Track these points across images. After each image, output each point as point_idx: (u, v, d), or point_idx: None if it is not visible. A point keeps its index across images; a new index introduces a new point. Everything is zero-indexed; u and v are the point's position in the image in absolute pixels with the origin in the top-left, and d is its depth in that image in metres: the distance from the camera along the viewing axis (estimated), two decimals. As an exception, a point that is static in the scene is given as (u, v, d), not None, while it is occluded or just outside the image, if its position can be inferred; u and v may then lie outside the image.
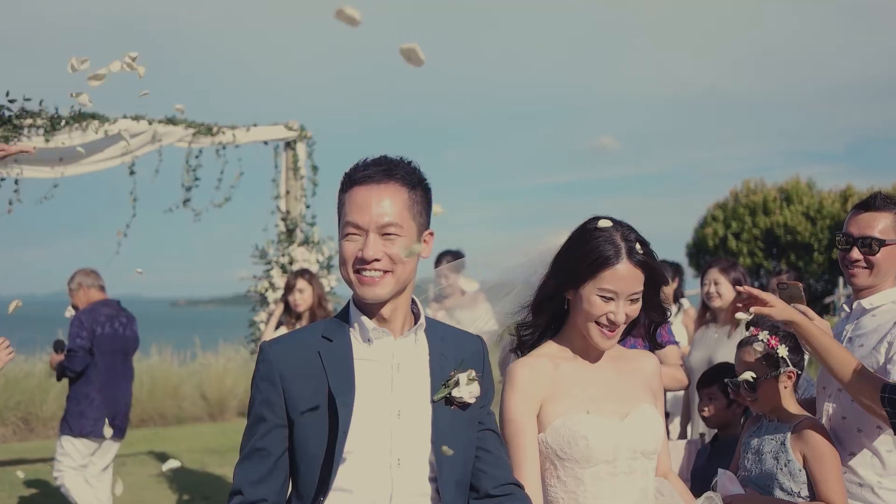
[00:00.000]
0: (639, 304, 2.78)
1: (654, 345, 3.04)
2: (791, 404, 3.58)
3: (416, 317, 2.50)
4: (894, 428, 3.09)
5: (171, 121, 8.44)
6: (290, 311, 6.94)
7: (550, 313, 2.89)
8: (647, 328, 2.97)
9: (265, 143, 9.57)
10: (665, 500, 2.82)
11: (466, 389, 2.41)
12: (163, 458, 10.77)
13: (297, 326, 6.89)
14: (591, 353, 2.86)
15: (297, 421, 2.35)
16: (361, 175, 2.39)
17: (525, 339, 2.93)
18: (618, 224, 2.79)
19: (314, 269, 9.18)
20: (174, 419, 13.51)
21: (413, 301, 2.51)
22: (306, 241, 9.55)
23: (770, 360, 3.57)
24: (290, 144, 9.69)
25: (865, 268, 3.49)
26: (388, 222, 2.34)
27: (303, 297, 6.87)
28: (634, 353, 3.02)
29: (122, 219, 8.68)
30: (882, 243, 3.45)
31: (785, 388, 3.57)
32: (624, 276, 2.71)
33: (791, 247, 22.47)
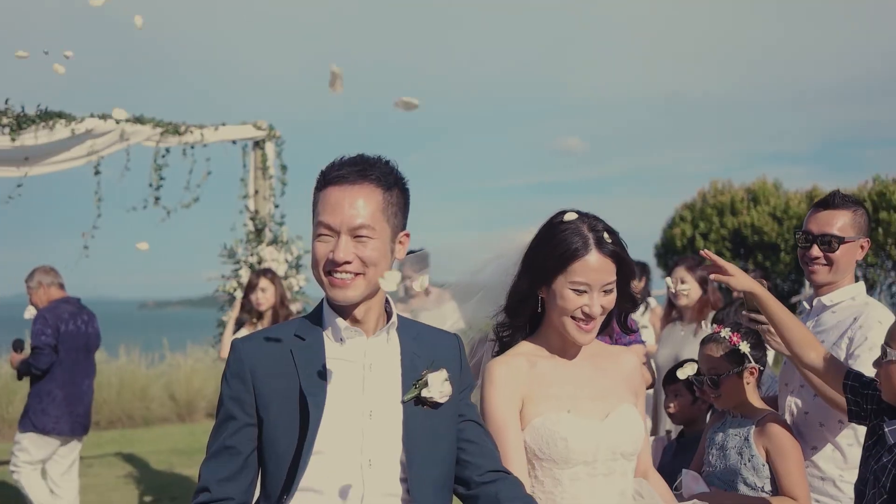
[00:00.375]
0: (613, 296, 2.73)
1: (625, 331, 3.00)
2: (754, 400, 3.62)
3: (389, 315, 2.45)
4: (850, 415, 3.14)
5: (139, 120, 8.38)
6: (250, 311, 6.91)
7: (527, 314, 2.83)
8: (619, 316, 2.92)
9: (233, 142, 9.52)
10: (644, 502, 2.78)
11: (437, 390, 2.37)
12: (130, 459, 10.72)
13: (259, 326, 6.87)
14: (568, 351, 2.81)
15: (267, 419, 2.30)
16: (336, 174, 2.33)
17: (506, 341, 2.88)
18: (584, 216, 2.76)
19: (282, 268, 9.16)
20: (142, 420, 13.41)
21: (386, 300, 2.46)
22: (275, 241, 9.51)
23: (733, 357, 3.61)
24: (258, 144, 9.65)
25: (825, 265, 3.54)
26: (360, 224, 2.29)
27: (265, 297, 6.84)
28: (614, 349, 2.97)
29: (89, 219, 8.61)
30: (841, 240, 3.52)
31: (748, 384, 3.61)
32: (594, 267, 2.67)
33: (758, 247, 22.63)
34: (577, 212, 2.77)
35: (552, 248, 2.72)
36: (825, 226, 3.54)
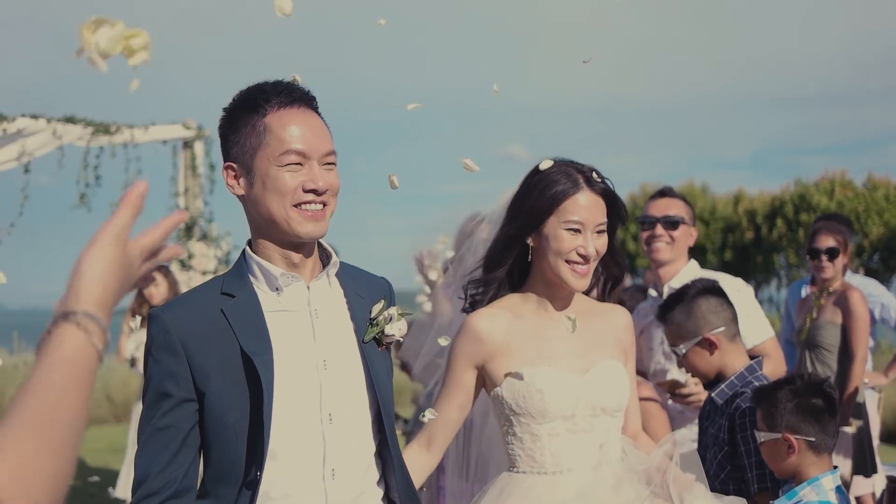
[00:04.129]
0: (605, 238, 2.65)
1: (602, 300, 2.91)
2: None
3: (325, 257, 2.26)
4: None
5: (70, 119, 8.44)
6: (140, 306, 7.05)
7: (507, 265, 2.73)
8: (604, 286, 2.85)
9: (163, 142, 9.66)
10: (629, 459, 2.63)
11: (397, 326, 2.25)
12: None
13: None
14: (556, 303, 2.71)
15: (209, 392, 2.04)
16: (284, 98, 2.12)
17: (477, 298, 2.77)
18: (567, 161, 2.70)
19: (212, 264, 9.35)
20: (78, 421, 13.43)
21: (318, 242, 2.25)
22: (204, 237, 9.66)
23: None
24: (187, 143, 9.79)
25: (668, 243, 4.06)
26: (329, 150, 2.13)
27: (158, 291, 7.03)
28: (605, 306, 2.83)
29: (20, 223, 8.67)
30: (681, 220, 4.05)
31: None
32: (586, 205, 2.59)
33: (687, 248, 23.02)
34: (560, 159, 2.72)
35: (541, 192, 2.63)
36: (666, 209, 4.08)
